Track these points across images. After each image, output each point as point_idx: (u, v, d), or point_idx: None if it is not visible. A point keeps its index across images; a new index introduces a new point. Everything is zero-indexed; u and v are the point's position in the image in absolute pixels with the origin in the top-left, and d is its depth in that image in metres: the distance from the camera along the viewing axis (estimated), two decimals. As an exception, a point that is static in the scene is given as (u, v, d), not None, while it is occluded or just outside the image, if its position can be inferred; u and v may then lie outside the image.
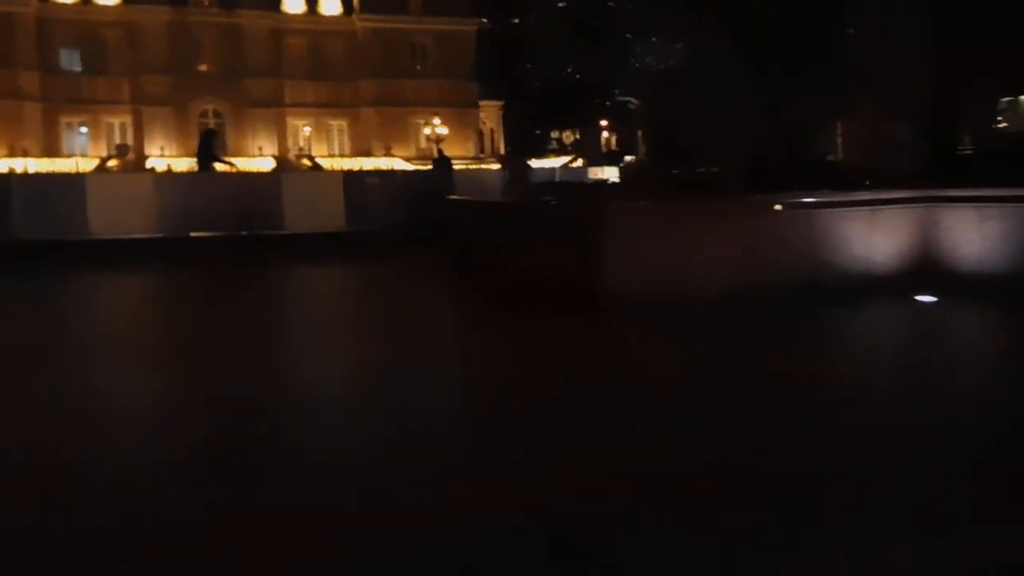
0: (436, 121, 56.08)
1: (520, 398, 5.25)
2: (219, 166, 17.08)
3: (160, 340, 7.39)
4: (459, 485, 3.76)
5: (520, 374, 5.83)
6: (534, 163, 56.47)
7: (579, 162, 48.01)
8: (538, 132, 70.40)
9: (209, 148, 17.56)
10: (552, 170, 19.89)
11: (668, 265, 6.82)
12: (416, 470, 4.02)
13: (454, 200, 10.60)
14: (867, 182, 9.50)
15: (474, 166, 52.61)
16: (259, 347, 6.89)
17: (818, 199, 7.38)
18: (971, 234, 7.19)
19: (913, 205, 7.53)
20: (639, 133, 32.83)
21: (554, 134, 74.04)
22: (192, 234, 15.04)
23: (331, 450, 4.39)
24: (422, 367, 6.08)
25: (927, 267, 7.43)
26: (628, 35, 35.04)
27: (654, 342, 6.44)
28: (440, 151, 24.95)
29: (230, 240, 14.35)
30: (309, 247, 13.55)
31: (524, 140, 65.66)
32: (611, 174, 18.01)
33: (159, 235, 14.81)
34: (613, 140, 67.49)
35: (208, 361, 6.39)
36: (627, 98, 40.97)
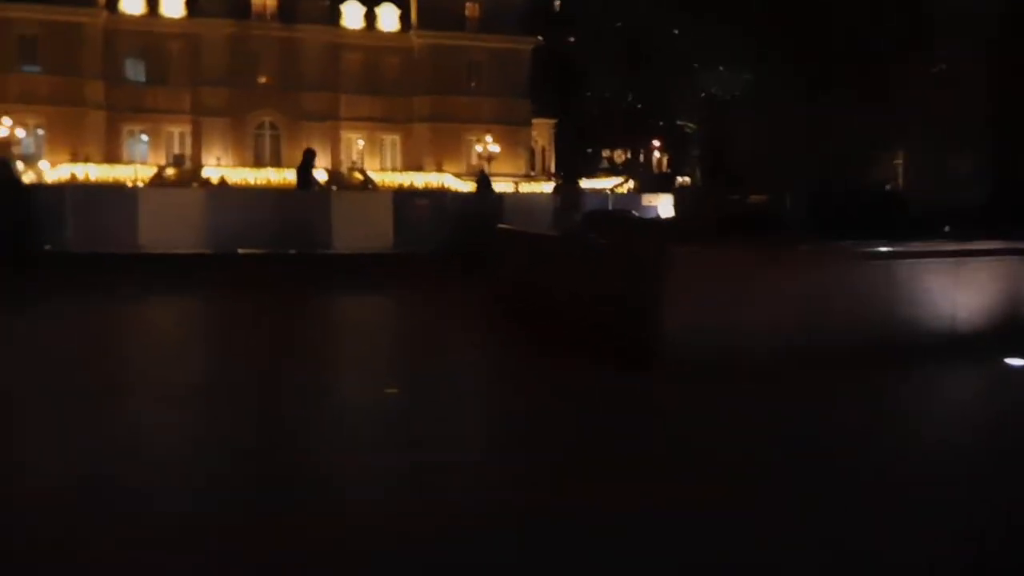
0: (488, 139, 56.14)
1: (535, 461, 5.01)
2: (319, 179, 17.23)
3: (171, 379, 7.17)
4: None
5: (546, 437, 5.48)
6: (584, 183, 56.45)
7: (630, 184, 47.58)
8: (589, 151, 70.08)
9: (309, 166, 17.62)
10: (604, 195, 19.41)
11: (728, 317, 6.43)
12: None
13: (503, 231, 10.33)
14: (946, 228, 8.94)
15: (525, 188, 52.57)
16: (282, 388, 6.71)
17: (897, 248, 6.92)
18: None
19: (1003, 257, 7.02)
20: (694, 156, 32.31)
21: (605, 153, 73.64)
22: (240, 251, 15.06)
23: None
24: (445, 419, 5.80)
25: (1018, 326, 6.91)
26: (688, 59, 34.61)
27: (702, 408, 5.96)
28: (482, 172, 24.56)
29: (277, 259, 14.33)
30: (355, 270, 13.44)
31: (575, 159, 65.46)
32: (665, 203, 17.60)
33: (207, 251, 14.85)
34: (665, 161, 66.98)
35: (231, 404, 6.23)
36: (683, 122, 40.48)
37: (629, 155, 72.55)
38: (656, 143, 67.05)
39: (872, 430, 5.57)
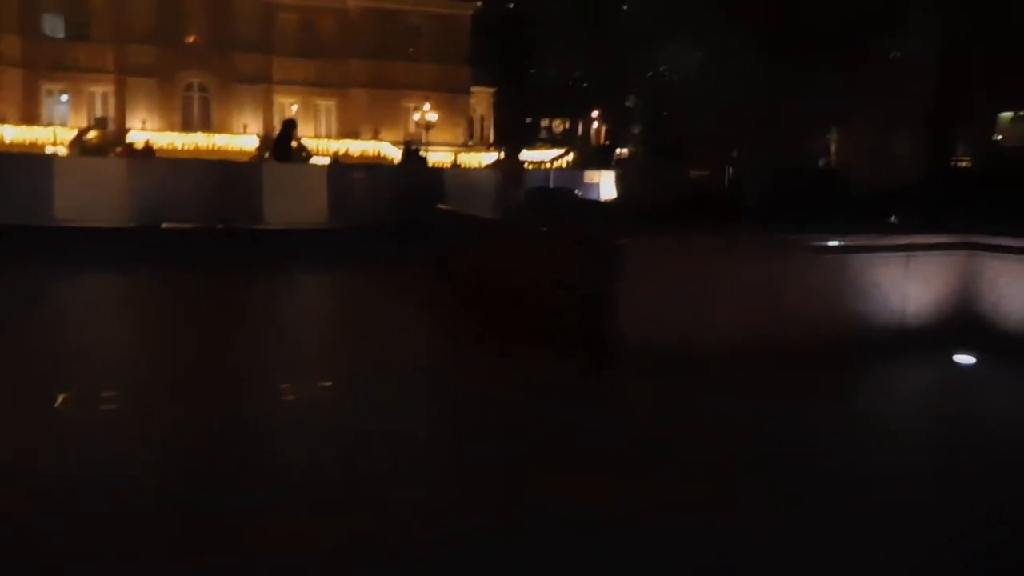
0: (427, 107, 55.06)
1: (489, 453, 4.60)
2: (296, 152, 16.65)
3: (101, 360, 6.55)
4: None
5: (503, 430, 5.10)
6: (523, 155, 55.68)
7: (570, 157, 47.14)
8: (528, 120, 69.34)
9: (288, 139, 17.22)
10: (545, 170, 18.78)
11: (687, 309, 6.06)
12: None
13: (447, 213, 9.73)
14: (892, 216, 8.72)
15: (464, 157, 51.69)
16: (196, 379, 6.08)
17: (848, 240, 6.63)
18: (1018, 287, 6.49)
19: (953, 252, 6.79)
20: (635, 130, 31.91)
21: (544, 123, 72.95)
22: (165, 225, 14.19)
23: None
24: (395, 417, 5.32)
25: (968, 322, 6.70)
26: (633, 31, 34.02)
27: (669, 404, 5.69)
28: (408, 143, 23.98)
29: (203, 234, 13.51)
30: (289, 246, 12.71)
31: (514, 129, 64.67)
32: (607, 179, 17.09)
33: (129, 225, 13.94)
34: (603, 132, 66.60)
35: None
36: (627, 95, 40.02)
37: (567, 126, 72.04)
38: (595, 114, 66.63)
39: (839, 428, 5.49)
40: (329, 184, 15.17)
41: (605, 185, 16.96)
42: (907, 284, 6.62)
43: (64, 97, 53.21)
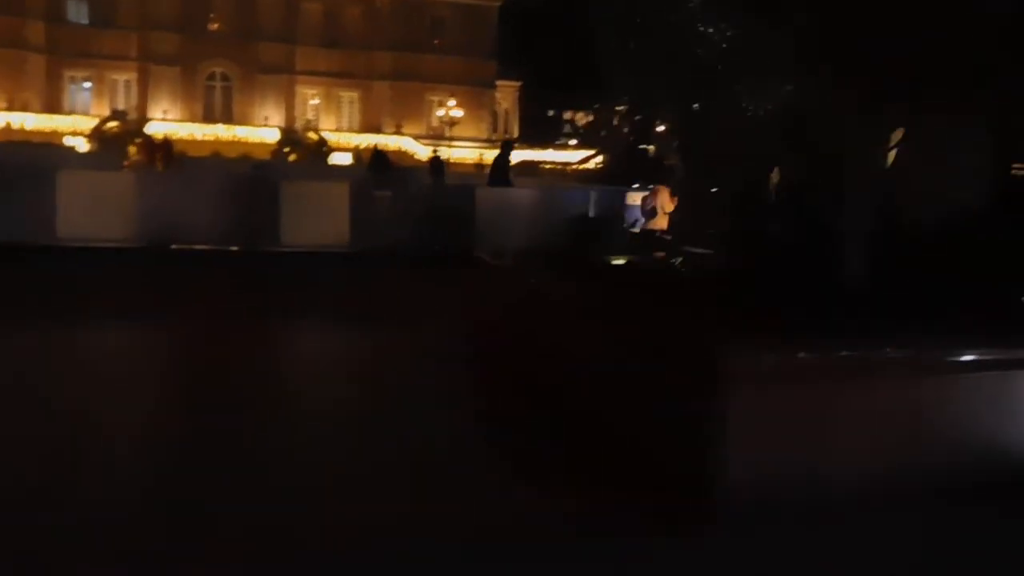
0: (452, 103, 54.04)
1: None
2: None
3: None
4: None
5: None
6: (542, 155, 54.27)
7: (599, 159, 45.82)
8: (550, 113, 67.98)
9: (506, 161, 17.28)
10: (584, 192, 16.96)
11: (805, 445, 4.64)
12: None
13: (479, 260, 8.54)
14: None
15: (489, 159, 50.31)
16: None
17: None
18: None
19: None
20: (672, 142, 30.47)
21: (567, 116, 71.49)
22: (174, 246, 13.36)
23: None
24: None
25: None
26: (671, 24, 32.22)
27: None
28: (377, 150, 22.98)
29: (214, 260, 12.64)
30: (300, 278, 11.71)
31: (538, 124, 63.43)
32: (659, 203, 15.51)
33: (137, 244, 13.11)
34: (629, 128, 65.07)
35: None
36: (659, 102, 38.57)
37: (591, 118, 70.67)
38: (621, 107, 65.16)
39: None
40: (351, 201, 14.26)
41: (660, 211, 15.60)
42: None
43: (87, 84, 52.67)
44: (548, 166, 47.77)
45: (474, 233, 13.89)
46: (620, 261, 9.90)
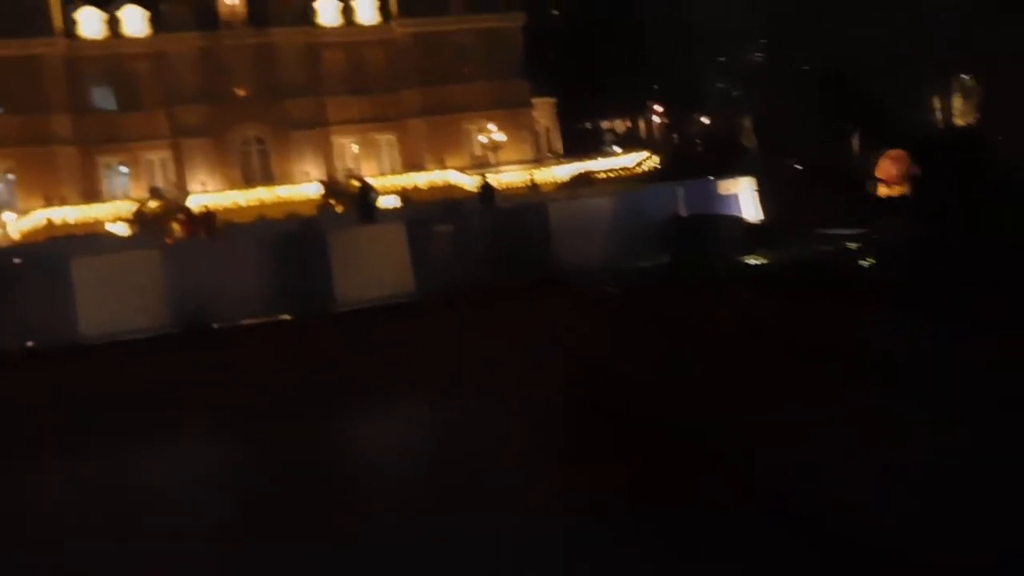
0: (492, 127, 52.14)
1: None
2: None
3: None
4: None
5: None
6: (593, 164, 51.99)
7: (654, 160, 43.34)
8: (588, 125, 65.87)
9: (368, 199, 17.63)
10: (666, 190, 14.39)
11: None
12: None
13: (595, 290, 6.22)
14: None
15: (541, 179, 48.05)
16: None
17: None
18: None
19: None
20: (743, 122, 27.94)
21: (604, 124, 69.19)
22: (216, 325, 11.26)
23: None
24: None
25: None
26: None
27: None
28: (358, 178, 24.23)
29: (261, 335, 10.51)
30: (362, 344, 9.48)
31: (582, 136, 61.32)
32: (749, 191, 13.03)
33: (170, 331, 11.04)
34: (665, 127, 62.40)
35: None
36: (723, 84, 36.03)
37: (630, 124, 68.32)
38: (658, 108, 62.64)
39: None
40: (410, 244, 12.04)
41: (747, 200, 13.19)
42: None
43: (123, 169, 51.93)
44: (602, 175, 45.37)
45: (561, 254, 11.58)
46: (758, 261, 7.63)
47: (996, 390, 3.72)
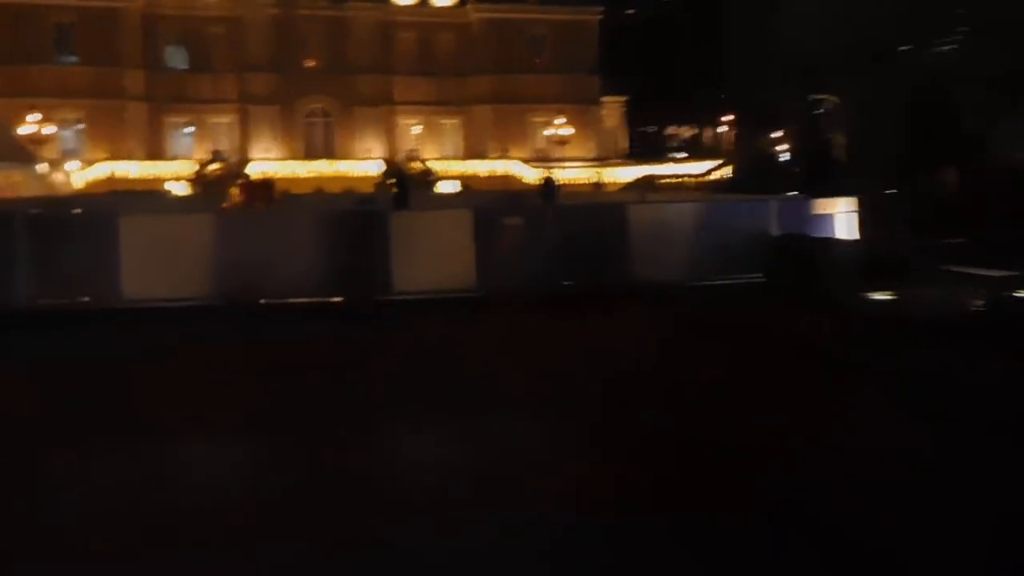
0: (560, 120, 51.17)
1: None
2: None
3: None
4: None
5: None
6: (659, 169, 50.72)
7: (727, 170, 42.02)
8: (652, 130, 64.68)
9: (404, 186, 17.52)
10: (757, 204, 13.31)
11: None
12: None
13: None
14: None
15: (608, 178, 46.80)
16: None
17: None
18: None
19: None
20: (830, 138, 26.71)
21: (670, 131, 67.87)
22: (263, 301, 10.58)
23: None
24: None
25: None
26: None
27: None
28: (392, 163, 23.88)
29: (310, 318, 9.79)
30: (421, 339, 8.74)
31: (644, 140, 60.18)
32: (847, 213, 12.01)
33: (217, 302, 10.39)
34: (733, 137, 60.87)
35: None
36: (820, 95, 34.59)
37: (696, 132, 66.88)
38: (728, 117, 61.11)
39: None
40: (476, 235, 11.23)
41: (843, 222, 12.10)
42: None
43: (188, 129, 52.08)
44: (666, 180, 44.12)
45: (640, 260, 10.70)
46: (886, 296, 6.68)
47: None
